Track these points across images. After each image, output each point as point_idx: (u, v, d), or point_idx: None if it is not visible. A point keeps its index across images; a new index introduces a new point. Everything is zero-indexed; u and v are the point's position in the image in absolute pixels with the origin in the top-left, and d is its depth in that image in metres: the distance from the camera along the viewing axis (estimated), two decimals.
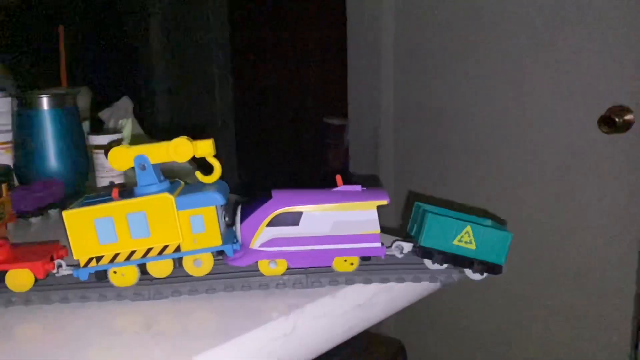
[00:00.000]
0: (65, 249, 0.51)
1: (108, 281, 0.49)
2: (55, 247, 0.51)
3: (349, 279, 0.49)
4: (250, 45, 2.39)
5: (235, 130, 2.47)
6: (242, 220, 0.49)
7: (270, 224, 0.49)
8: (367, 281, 0.49)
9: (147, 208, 0.46)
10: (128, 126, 1.12)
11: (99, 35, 2.41)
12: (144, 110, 2.61)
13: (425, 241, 0.51)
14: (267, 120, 2.35)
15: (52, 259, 0.49)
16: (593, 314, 1.32)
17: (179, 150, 0.48)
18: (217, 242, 0.48)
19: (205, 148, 0.49)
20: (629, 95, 1.18)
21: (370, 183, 1.75)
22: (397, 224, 1.72)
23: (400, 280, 0.50)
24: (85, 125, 1.15)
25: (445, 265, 0.52)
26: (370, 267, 0.51)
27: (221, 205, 0.49)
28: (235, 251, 0.49)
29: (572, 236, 1.33)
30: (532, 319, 1.44)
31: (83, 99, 1.27)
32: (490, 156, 1.45)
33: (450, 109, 1.52)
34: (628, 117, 1.19)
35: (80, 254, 0.47)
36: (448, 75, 1.51)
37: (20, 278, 0.47)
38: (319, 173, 2.12)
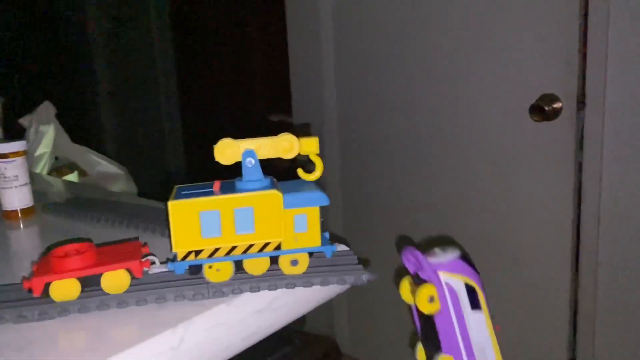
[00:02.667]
0: (147, 246, 0.49)
1: (202, 277, 0.47)
2: (138, 244, 0.50)
3: (254, 286, 0.47)
4: (193, 45, 2.33)
5: (182, 133, 2.41)
6: None
7: None
8: (273, 287, 0.47)
9: (256, 204, 0.46)
10: (50, 132, 1.07)
11: (28, 34, 2.30)
12: (87, 114, 2.51)
13: None
14: (214, 120, 2.31)
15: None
16: (531, 298, 1.35)
17: (287, 146, 0.48)
18: (317, 242, 0.49)
19: (310, 145, 0.50)
20: (557, 84, 1.21)
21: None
22: (343, 221, 1.72)
23: (308, 284, 0.49)
24: None
25: None
26: (276, 272, 0.49)
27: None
28: (332, 252, 0.50)
29: (507, 222, 1.35)
30: None
31: None
32: (429, 148, 1.47)
33: (390, 104, 1.53)
34: (557, 105, 1.22)
35: (180, 246, 0.45)
36: (386, 71, 1.51)
37: (117, 279, 0.45)
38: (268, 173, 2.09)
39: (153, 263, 0.48)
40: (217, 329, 0.43)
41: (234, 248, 0.46)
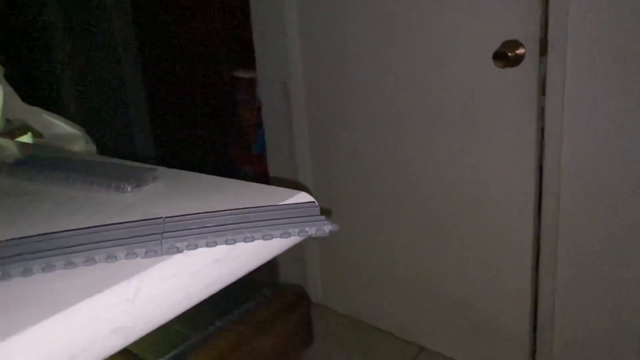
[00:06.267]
0: None
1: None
2: None
3: (210, 241, 0.46)
4: (153, 6, 2.24)
5: (145, 93, 2.34)
6: None
7: None
8: (231, 242, 0.47)
9: None
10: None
11: None
12: (43, 76, 2.41)
13: None
14: (178, 79, 2.24)
15: None
16: (496, 239, 1.39)
17: None
18: None
19: None
20: (520, 30, 1.20)
21: (285, 136, 1.72)
22: (312, 173, 1.72)
23: (268, 237, 0.48)
24: None
25: None
26: (234, 226, 0.48)
27: None
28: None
29: (472, 167, 1.37)
30: (443, 254, 1.50)
31: None
32: (394, 97, 1.46)
33: (354, 56, 1.50)
34: (519, 50, 1.21)
35: None
36: (349, 24, 1.48)
37: None
38: (234, 130, 2.06)
39: None
40: (174, 280, 0.43)
41: None
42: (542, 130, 1.27)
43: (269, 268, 0.55)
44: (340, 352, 1.61)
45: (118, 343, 0.39)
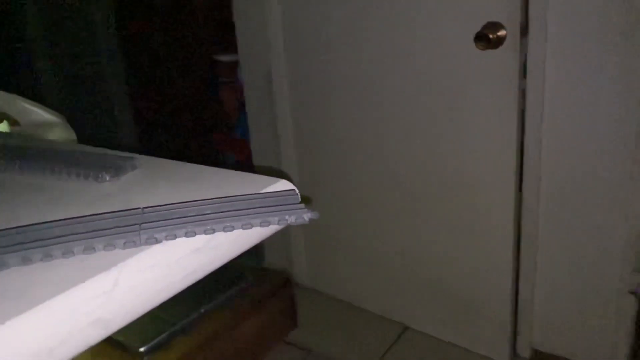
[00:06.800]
0: None
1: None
2: None
3: (189, 231, 0.46)
4: None
5: (126, 79, 2.30)
6: None
7: None
8: (210, 231, 0.47)
9: None
10: None
11: None
12: (20, 62, 2.35)
13: None
14: (158, 62, 2.21)
15: None
16: (478, 220, 1.41)
17: None
18: None
19: None
20: (501, 12, 1.20)
21: (268, 120, 1.71)
22: (296, 157, 1.72)
23: (247, 226, 0.48)
24: None
25: None
26: (214, 215, 0.48)
27: None
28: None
29: (454, 149, 1.38)
30: (426, 235, 1.52)
31: None
32: (376, 78, 1.46)
33: (336, 37, 1.49)
34: (501, 32, 1.22)
35: None
36: (333, 5, 1.47)
37: None
38: (216, 114, 2.05)
39: None
40: (154, 270, 0.43)
41: None
42: (523, 112, 1.28)
43: (254, 251, 0.55)
44: (325, 333, 1.63)
45: (98, 334, 0.39)
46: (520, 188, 1.34)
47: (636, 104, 1.14)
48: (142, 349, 0.73)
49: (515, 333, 1.47)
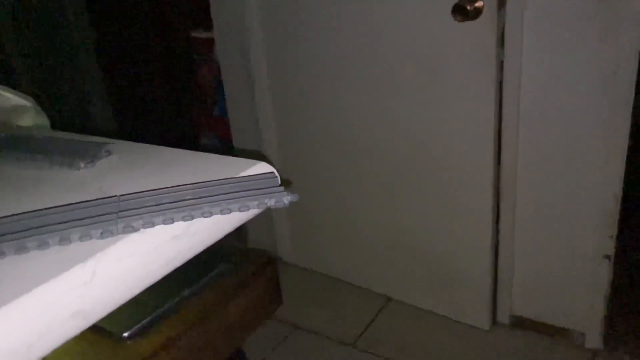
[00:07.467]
0: None
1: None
2: None
3: (167, 218, 0.45)
4: None
5: (98, 57, 2.24)
6: None
7: None
8: (188, 218, 0.46)
9: None
10: None
11: None
12: None
13: None
14: (132, 40, 2.15)
15: None
16: (457, 192, 1.43)
17: None
18: None
19: None
20: None
21: (246, 98, 1.69)
22: (276, 133, 1.70)
23: (226, 211, 0.48)
24: None
25: None
26: (192, 201, 0.48)
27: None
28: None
29: (432, 122, 1.39)
30: (407, 208, 1.53)
31: None
32: (354, 52, 1.44)
33: (314, 14, 1.47)
34: (478, 4, 1.21)
35: None
36: None
37: None
38: (193, 93, 2.01)
39: None
40: (132, 259, 0.42)
41: None
42: (500, 83, 1.28)
43: (236, 229, 0.55)
44: (310, 308, 1.65)
45: (78, 326, 0.39)
46: (498, 158, 1.35)
47: (611, 72, 1.15)
48: (125, 334, 0.73)
49: (495, 300, 1.51)
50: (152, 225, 0.45)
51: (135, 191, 0.49)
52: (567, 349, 1.41)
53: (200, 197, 0.49)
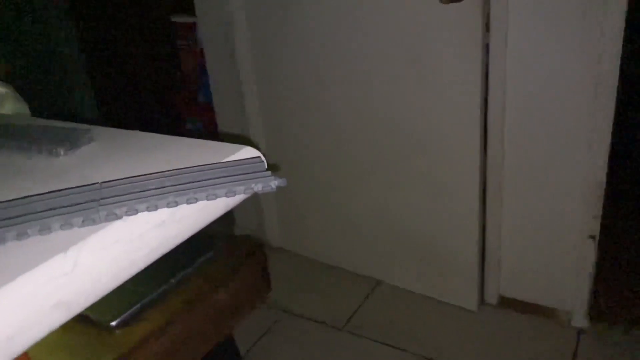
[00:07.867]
0: None
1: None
2: None
3: (151, 205, 0.44)
4: None
5: (79, 45, 2.19)
6: None
7: None
8: (173, 204, 0.45)
9: None
10: None
11: None
12: None
13: None
14: (113, 25, 2.10)
15: None
16: (443, 175, 1.43)
17: None
18: None
19: None
20: None
21: (230, 82, 1.67)
22: (262, 118, 1.69)
23: (212, 197, 0.47)
24: None
25: None
26: (177, 187, 0.46)
27: None
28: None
29: (418, 105, 1.38)
30: (394, 191, 1.53)
31: None
32: (341, 40, 1.43)
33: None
34: None
35: None
36: None
37: None
38: (177, 78, 1.98)
39: None
40: (115, 247, 0.41)
41: None
42: (486, 66, 1.28)
43: (224, 214, 0.55)
44: (299, 293, 1.65)
45: (61, 318, 0.38)
46: (485, 141, 1.35)
47: (595, 56, 1.15)
48: (113, 323, 0.72)
49: (482, 281, 1.52)
50: (136, 212, 0.43)
51: (117, 178, 0.48)
52: (554, 328, 1.43)
53: (185, 183, 0.48)
